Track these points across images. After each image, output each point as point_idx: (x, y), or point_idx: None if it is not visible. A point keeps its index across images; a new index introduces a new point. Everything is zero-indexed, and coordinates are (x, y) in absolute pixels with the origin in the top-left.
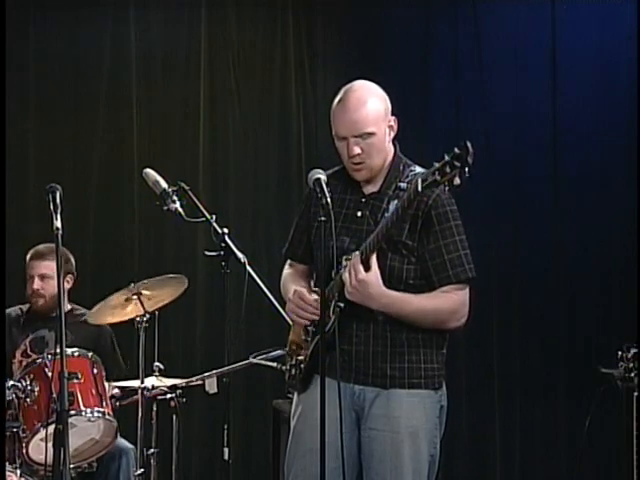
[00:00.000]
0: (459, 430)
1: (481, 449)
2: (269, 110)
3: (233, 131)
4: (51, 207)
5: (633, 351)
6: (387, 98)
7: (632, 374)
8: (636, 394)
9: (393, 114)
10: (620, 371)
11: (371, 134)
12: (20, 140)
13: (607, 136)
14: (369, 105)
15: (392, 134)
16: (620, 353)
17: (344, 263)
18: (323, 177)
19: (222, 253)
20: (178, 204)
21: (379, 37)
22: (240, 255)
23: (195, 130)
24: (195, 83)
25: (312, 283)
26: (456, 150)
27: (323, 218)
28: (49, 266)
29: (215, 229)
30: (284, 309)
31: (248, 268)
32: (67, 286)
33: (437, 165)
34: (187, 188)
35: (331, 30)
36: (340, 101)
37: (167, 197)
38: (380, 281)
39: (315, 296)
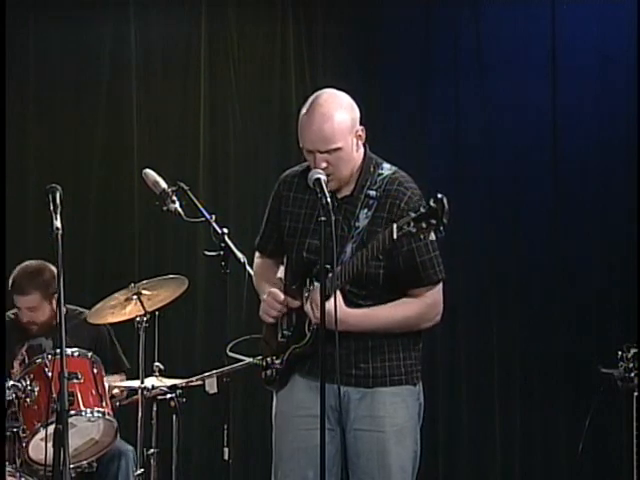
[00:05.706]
0: (459, 431)
1: (481, 450)
2: (269, 110)
3: (233, 131)
4: (51, 207)
5: (633, 351)
6: (355, 107)
7: (632, 374)
8: (636, 394)
9: (362, 123)
10: (620, 371)
11: (338, 149)
12: (20, 140)
13: (607, 136)
14: (335, 120)
15: (360, 143)
16: (620, 353)
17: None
18: (323, 177)
19: (222, 253)
20: (178, 204)
21: (379, 37)
22: (240, 255)
23: (195, 130)
24: (195, 83)
25: (281, 272)
26: (431, 203)
27: (323, 218)
28: (33, 299)
29: (215, 229)
30: None
31: (248, 268)
32: (54, 304)
33: (413, 215)
34: (187, 188)
35: (331, 30)
36: (306, 114)
37: (167, 197)
38: (343, 305)
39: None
